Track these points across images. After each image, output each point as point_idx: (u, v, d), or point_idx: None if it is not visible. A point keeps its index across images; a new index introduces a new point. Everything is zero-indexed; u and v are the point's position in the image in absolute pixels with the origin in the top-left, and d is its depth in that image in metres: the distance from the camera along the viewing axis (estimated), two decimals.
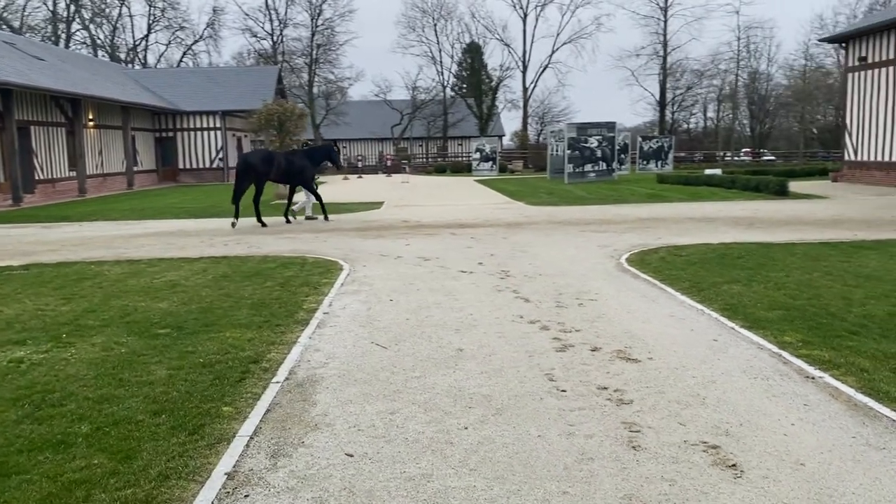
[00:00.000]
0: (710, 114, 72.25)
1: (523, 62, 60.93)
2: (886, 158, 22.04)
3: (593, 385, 4.93)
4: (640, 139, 44.87)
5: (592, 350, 5.75)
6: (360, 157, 44.97)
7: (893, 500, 3.32)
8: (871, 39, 22.63)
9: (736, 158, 59.46)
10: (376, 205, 20.59)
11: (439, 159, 57.15)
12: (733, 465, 3.67)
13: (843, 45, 24.54)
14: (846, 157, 24.23)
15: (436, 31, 62.01)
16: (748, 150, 65.28)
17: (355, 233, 14.07)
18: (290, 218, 16.27)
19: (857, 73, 23.47)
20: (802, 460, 3.73)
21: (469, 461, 3.75)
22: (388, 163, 44.97)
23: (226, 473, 3.64)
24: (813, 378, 5.03)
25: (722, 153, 63.04)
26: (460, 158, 55.96)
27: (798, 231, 12.89)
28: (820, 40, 46.85)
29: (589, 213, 16.59)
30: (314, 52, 57.42)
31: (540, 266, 9.69)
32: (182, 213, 18.92)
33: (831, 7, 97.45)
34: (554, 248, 11.30)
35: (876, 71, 22.46)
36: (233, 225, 15.19)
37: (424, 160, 56.48)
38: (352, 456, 3.83)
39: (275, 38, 58.02)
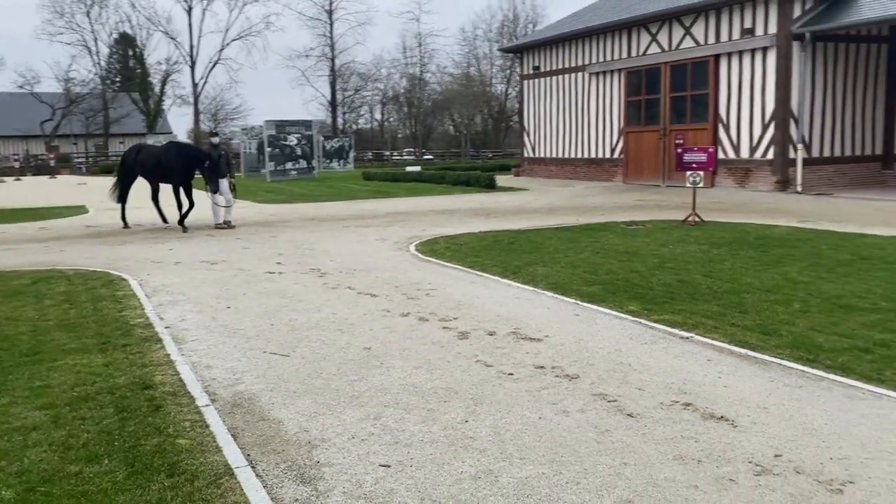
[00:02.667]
0: (377, 115, 76.00)
1: (191, 57, 58.03)
2: (560, 155, 25.36)
3: (529, 365, 5.09)
4: (322, 138, 45.52)
5: (490, 334, 5.89)
6: (16, 157, 38.87)
7: (855, 421, 4.02)
8: (541, 51, 25.80)
9: (398, 157, 63.18)
10: (79, 209, 18.17)
11: (102, 158, 51.83)
12: (722, 417, 4.12)
13: (519, 54, 27.65)
14: (525, 154, 27.34)
15: (89, 18, 56.14)
16: (411, 149, 69.87)
17: (92, 240, 12.33)
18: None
19: (531, 81, 26.60)
20: (762, 405, 4.31)
21: (509, 452, 3.68)
22: (52, 162, 39.68)
23: None
24: (688, 338, 5.76)
25: (390, 153, 66.64)
26: None
27: (530, 219, 14.29)
28: (500, 50, 52.01)
29: (334, 210, 16.54)
30: None
31: (343, 262, 9.50)
32: None
33: (471, 21, 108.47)
34: (338, 244, 11.13)
35: (546, 79, 25.69)
36: (164, 221, 14.03)
37: (85, 160, 50.68)
38: (389, 466, 3.52)
39: None
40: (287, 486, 3.33)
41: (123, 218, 14.05)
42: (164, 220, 14.12)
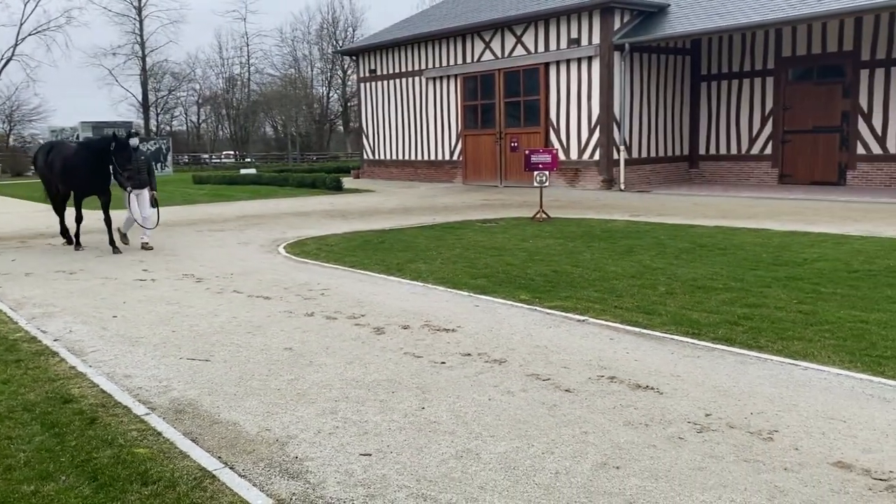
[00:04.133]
0: (193, 117, 72.61)
1: None
2: (399, 157, 25.76)
3: (456, 354, 5.29)
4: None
5: (404, 328, 6.03)
6: None
7: (756, 381, 4.60)
8: (378, 55, 26.05)
9: (217, 161, 61.01)
10: None
11: None
12: (647, 387, 4.56)
13: (355, 57, 27.71)
14: (365, 157, 27.46)
15: None
16: (230, 152, 67.53)
17: None
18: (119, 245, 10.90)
19: (368, 84, 26.78)
20: (675, 374, 4.81)
21: (477, 432, 3.87)
22: None
23: None
24: (583, 321, 6.23)
25: (208, 155, 63.99)
26: None
27: (389, 219, 14.47)
28: (335, 52, 51.45)
29: (177, 215, 15.75)
30: None
31: (215, 266, 9.19)
32: None
33: (289, 23, 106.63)
34: (201, 249, 10.70)
35: (384, 82, 25.99)
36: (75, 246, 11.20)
37: None
38: (370, 455, 3.59)
39: None
40: (277, 482, 3.31)
41: (63, 234, 11.60)
42: (70, 238, 11.46)
